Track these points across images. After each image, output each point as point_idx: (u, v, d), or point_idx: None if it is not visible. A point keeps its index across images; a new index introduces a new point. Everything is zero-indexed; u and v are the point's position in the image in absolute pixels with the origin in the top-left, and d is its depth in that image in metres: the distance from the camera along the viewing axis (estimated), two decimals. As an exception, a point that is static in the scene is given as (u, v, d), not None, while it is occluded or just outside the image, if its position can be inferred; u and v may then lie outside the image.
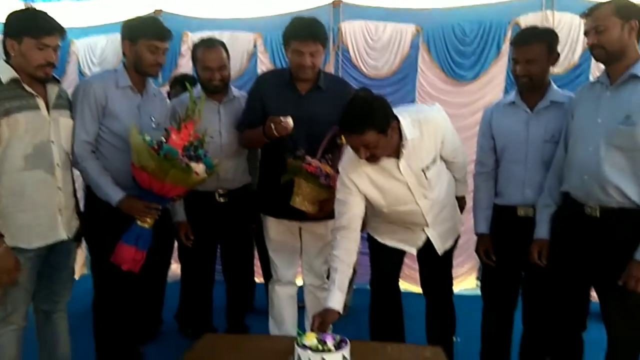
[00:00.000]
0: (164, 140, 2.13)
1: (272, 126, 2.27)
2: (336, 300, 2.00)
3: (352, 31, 4.20)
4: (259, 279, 3.82)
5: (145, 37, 2.29)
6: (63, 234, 2.15)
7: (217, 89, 2.64)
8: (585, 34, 2.03)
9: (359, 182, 2.12)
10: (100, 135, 2.31)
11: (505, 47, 3.97)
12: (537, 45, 2.26)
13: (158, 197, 2.21)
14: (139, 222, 2.23)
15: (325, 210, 2.31)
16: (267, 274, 3.30)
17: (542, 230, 2.24)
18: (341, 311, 2.00)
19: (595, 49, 2.00)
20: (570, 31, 3.91)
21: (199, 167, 2.17)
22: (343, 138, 2.14)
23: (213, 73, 2.62)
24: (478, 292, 2.70)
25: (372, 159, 2.02)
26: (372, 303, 2.46)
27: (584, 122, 2.07)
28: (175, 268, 3.52)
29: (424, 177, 2.14)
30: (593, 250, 2.03)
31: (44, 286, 2.19)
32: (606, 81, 2.03)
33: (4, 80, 1.98)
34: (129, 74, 2.36)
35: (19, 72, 2.00)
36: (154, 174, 2.11)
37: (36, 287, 2.15)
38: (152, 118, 2.41)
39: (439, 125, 2.15)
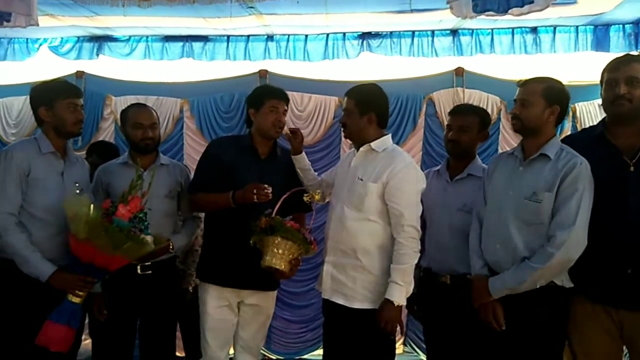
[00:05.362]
0: (108, 213, 2.08)
1: (255, 192, 2.26)
2: None
3: (279, 100, 4.32)
4: (179, 352, 3.64)
5: (62, 97, 2.28)
6: None
7: (149, 147, 2.60)
8: (514, 101, 2.19)
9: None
10: (21, 206, 2.20)
11: (421, 121, 4.26)
12: (471, 117, 2.49)
13: (98, 271, 2.13)
14: (70, 298, 2.13)
15: (294, 271, 2.32)
16: (192, 349, 3.14)
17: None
18: None
19: (514, 119, 2.18)
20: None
21: (148, 239, 2.15)
22: (315, 195, 2.31)
23: (146, 130, 2.59)
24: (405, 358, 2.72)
25: (344, 127, 2.38)
26: None
27: (498, 192, 2.21)
28: (87, 343, 3.30)
29: (354, 183, 2.28)
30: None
31: None
32: (520, 155, 2.18)
33: None
34: (50, 140, 2.30)
35: None
36: (103, 247, 2.04)
37: None
38: (77, 184, 2.35)
39: (396, 168, 2.23)
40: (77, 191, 2.32)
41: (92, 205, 2.08)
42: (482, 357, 2.27)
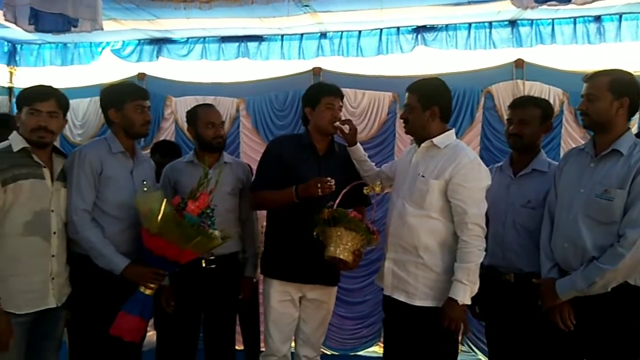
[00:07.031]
0: (179, 208, 2.17)
1: (319, 186, 2.31)
2: None
3: (333, 97, 4.33)
4: (238, 346, 3.72)
5: (130, 99, 2.38)
6: (52, 302, 2.18)
7: (220, 145, 2.71)
8: (581, 97, 2.12)
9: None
10: (94, 203, 2.32)
11: (479, 115, 4.15)
12: (532, 109, 2.42)
13: (170, 264, 2.22)
14: (142, 289, 2.23)
15: (358, 262, 2.33)
16: (251, 343, 3.20)
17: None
18: None
19: (583, 115, 2.12)
20: (541, 99, 4.10)
21: (217, 233, 2.23)
22: (375, 187, 2.30)
23: (217, 128, 2.70)
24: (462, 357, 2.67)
25: (406, 122, 2.34)
26: None
27: (568, 189, 2.14)
28: (150, 335, 3.42)
29: (415, 180, 2.26)
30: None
31: (30, 356, 2.15)
32: (591, 151, 2.11)
33: (15, 149, 2.11)
34: (120, 140, 2.41)
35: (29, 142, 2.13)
36: (175, 241, 2.13)
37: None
38: (144, 182, 2.46)
39: (460, 164, 2.19)
40: (145, 189, 2.42)
41: (164, 201, 2.16)
42: (547, 358, 2.20)
